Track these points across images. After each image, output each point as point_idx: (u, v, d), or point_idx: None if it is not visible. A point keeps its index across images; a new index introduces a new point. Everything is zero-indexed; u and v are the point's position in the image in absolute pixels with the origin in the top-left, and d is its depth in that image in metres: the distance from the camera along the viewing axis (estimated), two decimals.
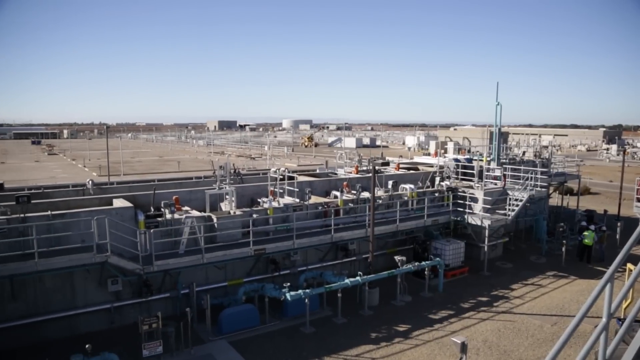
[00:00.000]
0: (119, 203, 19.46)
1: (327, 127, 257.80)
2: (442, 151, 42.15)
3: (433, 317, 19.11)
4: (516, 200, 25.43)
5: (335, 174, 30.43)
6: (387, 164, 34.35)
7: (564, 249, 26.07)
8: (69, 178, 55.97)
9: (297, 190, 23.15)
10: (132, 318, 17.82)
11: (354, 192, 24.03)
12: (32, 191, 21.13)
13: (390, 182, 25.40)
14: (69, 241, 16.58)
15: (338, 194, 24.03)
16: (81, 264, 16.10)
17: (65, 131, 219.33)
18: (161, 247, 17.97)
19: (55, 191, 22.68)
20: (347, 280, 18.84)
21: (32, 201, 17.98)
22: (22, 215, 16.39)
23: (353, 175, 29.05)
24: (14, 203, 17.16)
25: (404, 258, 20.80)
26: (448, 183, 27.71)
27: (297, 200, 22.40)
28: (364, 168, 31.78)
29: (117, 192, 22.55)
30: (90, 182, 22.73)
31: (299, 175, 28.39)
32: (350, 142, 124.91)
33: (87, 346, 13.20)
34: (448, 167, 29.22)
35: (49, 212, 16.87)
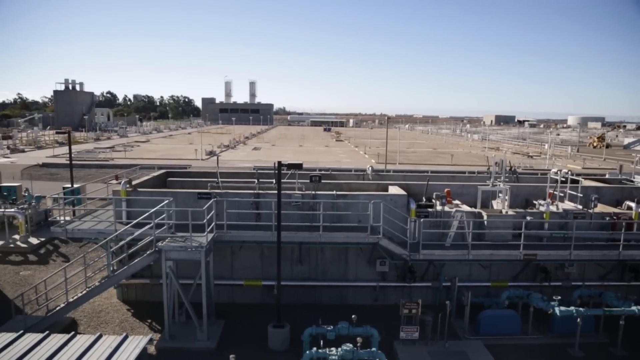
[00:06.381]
0: (393, 190, 20.63)
1: (624, 126, 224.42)
2: None
3: None
4: None
5: (632, 181, 26.46)
6: None
7: None
8: (352, 163, 61.92)
9: (581, 195, 20.85)
10: (393, 299, 18.89)
11: None
12: (322, 172, 24.04)
13: None
14: (347, 219, 18.43)
15: (633, 205, 20.71)
16: (356, 241, 17.83)
17: (350, 120, 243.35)
18: (428, 237, 18.41)
19: (340, 174, 25.65)
20: (634, 307, 16.28)
21: (322, 181, 20.43)
22: (313, 192, 18.91)
23: None
24: (308, 181, 19.81)
25: None
26: None
27: (580, 206, 20.17)
28: None
29: (392, 179, 24.04)
30: (369, 168, 24.90)
31: (584, 179, 25.50)
32: None
33: (353, 317, 14.49)
34: None
35: (334, 192, 19.08)
